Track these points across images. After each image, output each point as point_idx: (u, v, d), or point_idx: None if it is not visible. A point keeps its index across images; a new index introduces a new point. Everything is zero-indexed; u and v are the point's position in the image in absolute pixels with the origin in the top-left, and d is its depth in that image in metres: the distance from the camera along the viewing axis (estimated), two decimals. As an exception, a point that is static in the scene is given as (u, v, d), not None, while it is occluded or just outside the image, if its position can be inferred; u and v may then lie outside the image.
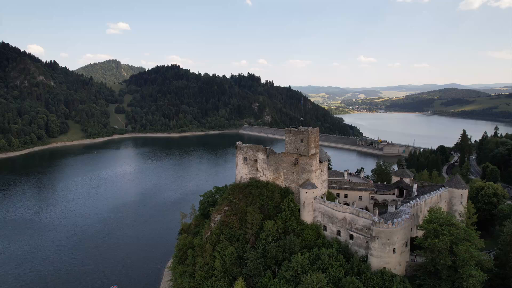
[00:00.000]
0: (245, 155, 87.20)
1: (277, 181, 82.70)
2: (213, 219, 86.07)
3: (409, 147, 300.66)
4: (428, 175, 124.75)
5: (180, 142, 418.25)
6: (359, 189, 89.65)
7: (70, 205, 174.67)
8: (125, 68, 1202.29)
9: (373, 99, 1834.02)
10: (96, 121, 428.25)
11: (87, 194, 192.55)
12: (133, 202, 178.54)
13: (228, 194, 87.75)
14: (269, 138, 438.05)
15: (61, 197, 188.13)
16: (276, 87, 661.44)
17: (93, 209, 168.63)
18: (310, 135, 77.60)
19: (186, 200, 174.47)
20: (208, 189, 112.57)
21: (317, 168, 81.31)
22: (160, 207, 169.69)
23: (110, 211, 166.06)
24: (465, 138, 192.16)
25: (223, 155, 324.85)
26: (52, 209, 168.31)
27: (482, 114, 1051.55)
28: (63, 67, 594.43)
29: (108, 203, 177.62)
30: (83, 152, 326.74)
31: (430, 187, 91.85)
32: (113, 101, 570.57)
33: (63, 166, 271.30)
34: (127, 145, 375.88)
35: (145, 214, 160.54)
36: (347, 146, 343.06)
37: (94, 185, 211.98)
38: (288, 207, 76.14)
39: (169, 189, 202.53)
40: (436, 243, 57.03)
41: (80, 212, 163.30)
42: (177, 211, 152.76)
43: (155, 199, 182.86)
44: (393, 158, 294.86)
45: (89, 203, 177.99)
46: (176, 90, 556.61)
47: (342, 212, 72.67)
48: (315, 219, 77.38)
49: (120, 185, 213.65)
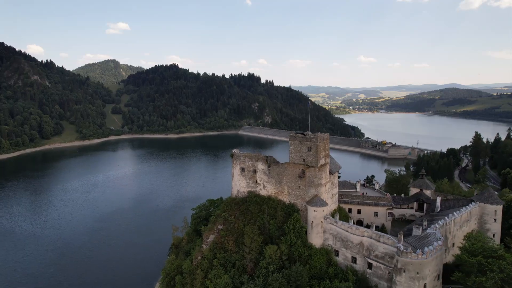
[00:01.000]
0: (242, 165, 75.02)
1: (280, 196, 70.67)
2: (205, 239, 73.98)
3: (414, 149, 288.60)
4: (449, 184, 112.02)
5: (177, 143, 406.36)
6: (375, 204, 77.52)
7: (56, 213, 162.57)
8: (124, 68, 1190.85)
9: (374, 99, 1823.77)
10: (91, 122, 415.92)
11: (75, 201, 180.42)
12: (124, 210, 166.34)
13: (222, 210, 75.59)
14: (269, 139, 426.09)
15: (47, 204, 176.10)
16: (276, 87, 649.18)
17: (80, 218, 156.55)
18: (319, 143, 65.58)
19: (181, 207, 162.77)
20: (205, 196, 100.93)
21: (327, 181, 69.35)
22: (152, 215, 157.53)
23: (98, 220, 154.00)
24: (479, 140, 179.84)
25: (222, 157, 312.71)
26: (36, 218, 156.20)
27: (484, 114, 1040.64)
28: (59, 67, 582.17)
29: (97, 211, 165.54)
30: (76, 154, 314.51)
31: (455, 201, 79.81)
32: (110, 101, 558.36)
33: (54, 169, 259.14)
34: (123, 147, 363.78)
35: (136, 224, 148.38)
36: (350, 147, 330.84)
37: (85, 190, 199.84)
38: (293, 229, 64.06)
39: (164, 195, 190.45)
40: (484, 283, 45.16)
41: (65, 222, 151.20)
42: (170, 220, 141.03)
43: (148, 207, 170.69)
44: (398, 160, 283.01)
45: (77, 211, 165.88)
46: (174, 90, 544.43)
47: (359, 236, 60.67)
48: (325, 243, 65.39)
49: (112, 190, 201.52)
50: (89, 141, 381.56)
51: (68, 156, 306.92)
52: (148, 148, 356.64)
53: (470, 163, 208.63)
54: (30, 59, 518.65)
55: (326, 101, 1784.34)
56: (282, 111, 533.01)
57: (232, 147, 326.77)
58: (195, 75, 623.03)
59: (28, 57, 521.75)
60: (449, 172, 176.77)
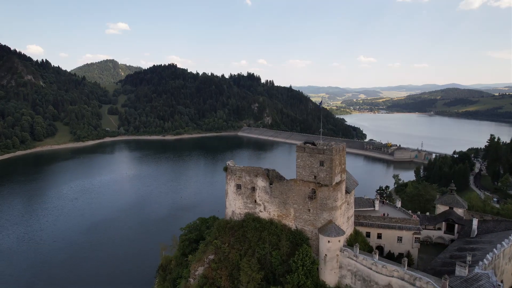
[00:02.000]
0: (238, 181, 61.64)
1: (285, 220, 57.41)
2: (193, 272, 60.70)
3: (421, 151, 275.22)
4: (482, 201, 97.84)
5: (175, 145, 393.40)
6: (399, 228, 64.20)
7: (37, 223, 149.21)
8: (123, 67, 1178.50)
9: (374, 99, 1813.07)
10: (86, 123, 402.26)
11: (61, 209, 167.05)
12: (112, 220, 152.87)
13: (214, 236, 62.26)
14: (270, 141, 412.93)
15: (29, 213, 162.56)
16: (276, 87, 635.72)
17: (64, 229, 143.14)
18: (334, 156, 52.29)
19: (175, 218, 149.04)
20: (201, 205, 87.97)
21: (343, 202, 56.11)
22: (142, 227, 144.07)
23: (83, 231, 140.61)
24: (497, 144, 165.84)
25: (221, 160, 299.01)
26: (15, 229, 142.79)
27: (487, 115, 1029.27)
28: (55, 67, 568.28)
29: (83, 221, 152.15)
30: (69, 157, 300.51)
31: (495, 224, 66.58)
32: (107, 101, 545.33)
33: (43, 173, 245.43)
34: (118, 149, 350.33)
35: (123, 237, 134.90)
36: (353, 150, 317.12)
37: (72, 197, 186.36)
38: (302, 265, 50.76)
39: (157, 203, 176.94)
40: None
41: (47, 234, 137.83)
42: (160, 234, 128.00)
43: (139, 216, 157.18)
44: (405, 163, 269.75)
45: (61, 221, 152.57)
46: (172, 90, 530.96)
47: (386, 276, 47.54)
48: (341, 281, 52.18)
49: (101, 197, 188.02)
50: (83, 143, 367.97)
51: (60, 159, 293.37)
52: (144, 150, 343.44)
53: (483, 168, 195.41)
54: (25, 58, 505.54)
55: (326, 101, 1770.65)
56: (282, 111, 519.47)
57: (231, 148, 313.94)
58: (193, 75, 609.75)
59: (23, 56, 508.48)
60: (464, 179, 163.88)
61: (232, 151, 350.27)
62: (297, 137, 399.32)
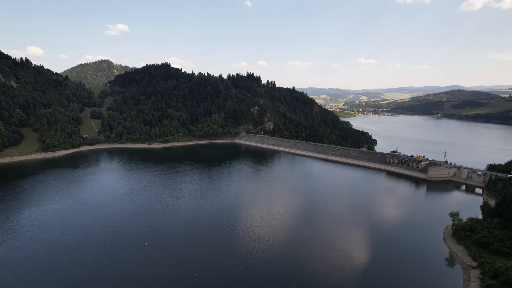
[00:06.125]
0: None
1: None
2: None
3: (461, 168, 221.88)
4: None
5: (163, 154, 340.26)
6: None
7: None
8: (118, 68, 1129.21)
9: (377, 101, 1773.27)
10: (59, 129, 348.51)
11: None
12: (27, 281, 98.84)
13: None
14: (271, 150, 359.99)
15: None
16: (278, 89, 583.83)
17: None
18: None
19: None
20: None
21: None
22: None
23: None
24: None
25: (217, 172, 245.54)
26: None
27: (499, 118, 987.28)
28: (37, 66, 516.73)
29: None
30: (27, 172, 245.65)
31: None
32: (92, 104, 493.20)
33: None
34: (93, 161, 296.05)
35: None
36: (372, 164, 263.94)
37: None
38: None
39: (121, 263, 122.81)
40: None
41: None
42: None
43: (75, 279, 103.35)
44: (441, 185, 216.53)
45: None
46: (163, 91, 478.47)
47: None
48: None
49: (35, 242, 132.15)
50: (53, 153, 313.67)
51: (13, 175, 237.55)
52: (123, 163, 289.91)
53: None
54: (1, 56, 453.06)
55: (328, 103, 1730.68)
56: (285, 115, 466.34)
57: (228, 159, 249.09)
58: (188, 75, 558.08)
59: (0, 54, 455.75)
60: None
61: (230, 162, 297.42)
62: (303, 146, 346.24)
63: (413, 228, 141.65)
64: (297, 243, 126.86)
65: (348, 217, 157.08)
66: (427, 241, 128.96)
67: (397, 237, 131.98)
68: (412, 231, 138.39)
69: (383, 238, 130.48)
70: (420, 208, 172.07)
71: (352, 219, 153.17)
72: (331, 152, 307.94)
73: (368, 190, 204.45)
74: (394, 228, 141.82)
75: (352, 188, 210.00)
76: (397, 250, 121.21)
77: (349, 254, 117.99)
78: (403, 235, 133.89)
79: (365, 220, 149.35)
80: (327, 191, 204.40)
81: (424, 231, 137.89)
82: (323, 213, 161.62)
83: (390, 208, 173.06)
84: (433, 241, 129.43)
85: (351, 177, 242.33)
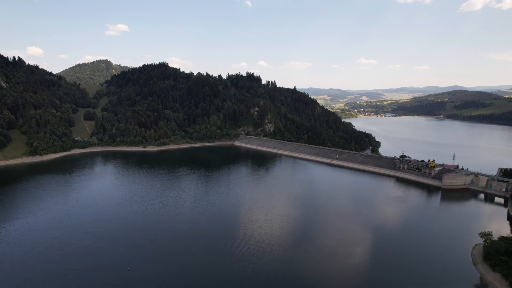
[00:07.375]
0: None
1: None
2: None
3: (478, 175, 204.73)
4: None
5: (158, 157, 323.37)
6: None
7: None
8: (116, 68, 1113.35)
9: (378, 101, 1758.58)
10: (49, 131, 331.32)
11: None
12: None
13: None
14: (272, 154, 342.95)
15: None
16: (279, 89, 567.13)
17: None
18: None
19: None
20: None
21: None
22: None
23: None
24: None
25: (215, 177, 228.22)
26: None
27: (503, 118, 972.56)
28: (31, 65, 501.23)
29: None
30: (10, 178, 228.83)
31: None
32: (86, 105, 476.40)
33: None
34: (83, 165, 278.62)
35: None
36: (381, 169, 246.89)
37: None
38: None
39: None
40: None
41: None
42: None
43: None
44: (457, 193, 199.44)
45: None
46: (160, 92, 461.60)
47: None
48: None
49: (6, 261, 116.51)
50: (41, 156, 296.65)
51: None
52: (117, 168, 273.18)
53: None
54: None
55: (328, 104, 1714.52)
56: (287, 117, 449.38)
57: (227, 163, 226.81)
58: (186, 75, 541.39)
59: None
60: None
61: (228, 167, 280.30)
62: (305, 150, 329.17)
63: (435, 248, 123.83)
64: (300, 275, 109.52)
65: (357, 235, 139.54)
66: (453, 266, 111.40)
67: (416, 260, 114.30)
68: (434, 252, 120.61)
69: (400, 261, 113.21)
70: (438, 222, 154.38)
71: (362, 239, 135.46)
72: (335, 156, 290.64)
73: (378, 201, 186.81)
74: (412, 248, 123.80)
75: (360, 198, 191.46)
76: (419, 278, 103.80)
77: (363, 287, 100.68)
78: (422, 258, 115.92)
79: (378, 241, 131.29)
80: (333, 202, 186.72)
81: (448, 253, 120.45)
82: (329, 229, 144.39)
83: (405, 223, 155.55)
84: (460, 265, 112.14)
85: (358, 184, 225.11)
